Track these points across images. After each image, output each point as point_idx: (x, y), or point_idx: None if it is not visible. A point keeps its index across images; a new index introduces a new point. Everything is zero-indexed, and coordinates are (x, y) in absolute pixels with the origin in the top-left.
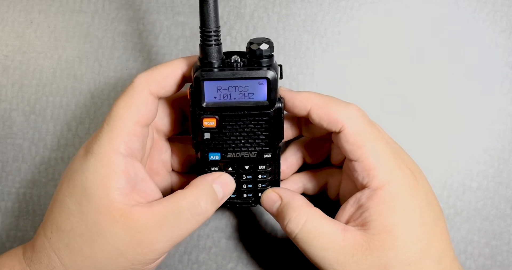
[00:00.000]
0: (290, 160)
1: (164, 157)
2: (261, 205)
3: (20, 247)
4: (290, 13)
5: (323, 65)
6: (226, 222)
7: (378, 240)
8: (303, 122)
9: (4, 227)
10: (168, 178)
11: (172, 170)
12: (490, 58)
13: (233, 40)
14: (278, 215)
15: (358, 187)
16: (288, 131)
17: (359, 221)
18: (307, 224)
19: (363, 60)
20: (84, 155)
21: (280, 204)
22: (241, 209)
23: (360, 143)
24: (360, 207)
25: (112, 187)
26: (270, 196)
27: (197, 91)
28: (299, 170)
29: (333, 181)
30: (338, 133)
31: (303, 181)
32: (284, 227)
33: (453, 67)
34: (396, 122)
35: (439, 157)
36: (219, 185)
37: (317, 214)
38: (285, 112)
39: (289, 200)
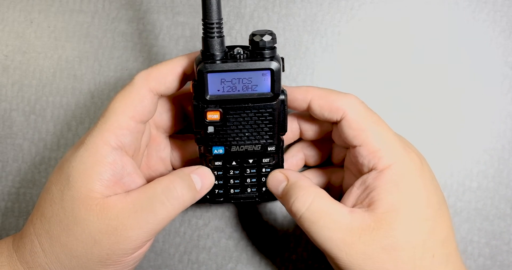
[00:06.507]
0: (290, 161)
1: (162, 155)
2: (264, 201)
3: (12, 235)
4: (290, 13)
5: (323, 65)
6: (226, 222)
7: (385, 219)
8: (303, 123)
9: (4, 227)
10: None
11: (174, 168)
12: (490, 58)
13: (233, 40)
14: (284, 196)
15: (364, 172)
16: (289, 134)
17: (366, 202)
18: (314, 203)
19: (363, 60)
20: (77, 146)
21: (286, 184)
22: (241, 209)
23: (363, 126)
24: (366, 188)
25: (94, 178)
26: (276, 177)
27: (201, 84)
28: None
29: (336, 178)
30: (339, 121)
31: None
32: (289, 207)
33: (453, 67)
34: (395, 122)
35: (439, 157)
36: (197, 175)
37: (324, 194)
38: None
39: (295, 180)
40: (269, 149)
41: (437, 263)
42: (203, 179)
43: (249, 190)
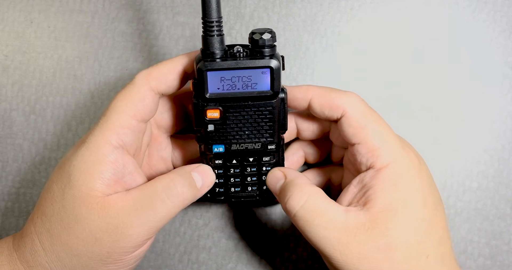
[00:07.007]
0: (291, 158)
1: (163, 154)
2: (265, 200)
3: (12, 235)
4: (290, 13)
5: (323, 65)
6: (226, 222)
7: (381, 218)
8: (300, 122)
9: (4, 227)
10: None
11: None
12: (490, 58)
13: (233, 40)
14: (280, 193)
15: (362, 170)
16: (285, 133)
17: (362, 200)
18: (309, 202)
19: (363, 60)
20: (78, 145)
21: (284, 182)
22: (241, 209)
23: (363, 124)
24: (363, 186)
25: (95, 176)
26: (275, 174)
27: (200, 82)
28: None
29: (336, 177)
30: (339, 119)
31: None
32: (284, 205)
33: (453, 67)
34: (395, 122)
35: (439, 157)
36: (198, 173)
37: (320, 193)
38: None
39: (292, 178)
40: (269, 147)
41: (432, 263)
42: (203, 177)
43: (249, 188)
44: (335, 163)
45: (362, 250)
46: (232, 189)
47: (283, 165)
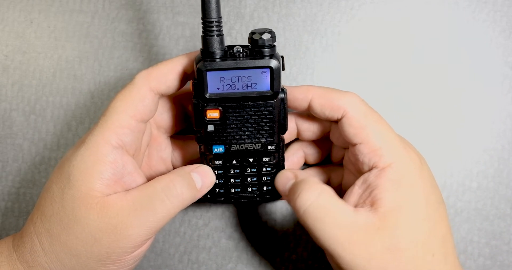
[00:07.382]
0: (291, 159)
1: (163, 155)
2: (265, 200)
3: (12, 235)
4: (290, 13)
5: (323, 65)
6: (226, 222)
7: (389, 218)
8: (300, 123)
9: (4, 227)
10: None
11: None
12: (490, 58)
13: (233, 40)
14: (290, 192)
15: (365, 170)
16: (286, 133)
17: (369, 200)
18: (319, 199)
19: (363, 60)
20: (78, 145)
21: (294, 182)
22: (241, 209)
23: (364, 124)
24: (368, 186)
25: (95, 176)
26: (285, 175)
27: (200, 82)
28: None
29: (335, 177)
30: (340, 119)
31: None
32: (294, 202)
33: (453, 67)
34: (396, 122)
35: (439, 157)
36: (198, 174)
37: (331, 191)
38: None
39: (303, 178)
40: (269, 148)
41: (436, 262)
42: (203, 177)
43: (249, 189)
44: (335, 163)
45: (371, 250)
46: (232, 190)
47: (283, 165)
